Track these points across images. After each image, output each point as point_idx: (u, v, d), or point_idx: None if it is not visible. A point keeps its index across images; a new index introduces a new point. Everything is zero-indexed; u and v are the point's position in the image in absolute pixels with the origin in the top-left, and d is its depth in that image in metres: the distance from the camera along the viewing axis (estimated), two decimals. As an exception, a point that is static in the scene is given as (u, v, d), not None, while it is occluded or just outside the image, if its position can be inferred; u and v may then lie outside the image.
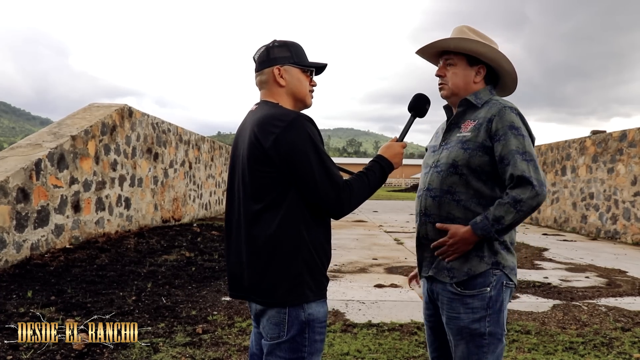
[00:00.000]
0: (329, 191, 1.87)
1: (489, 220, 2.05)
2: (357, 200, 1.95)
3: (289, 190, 1.89)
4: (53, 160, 7.55)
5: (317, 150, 1.87)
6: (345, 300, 5.50)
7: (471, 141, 2.14)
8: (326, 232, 2.00)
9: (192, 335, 4.29)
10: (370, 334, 4.40)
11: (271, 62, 2.05)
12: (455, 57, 2.27)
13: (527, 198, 2.02)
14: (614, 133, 12.72)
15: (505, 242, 2.18)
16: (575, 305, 5.41)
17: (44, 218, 7.29)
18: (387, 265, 7.79)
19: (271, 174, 1.89)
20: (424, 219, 2.27)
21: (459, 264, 2.15)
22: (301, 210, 1.89)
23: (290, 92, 2.07)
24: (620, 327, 4.71)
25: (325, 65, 2.16)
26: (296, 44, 2.12)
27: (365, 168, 2.05)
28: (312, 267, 1.92)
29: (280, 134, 1.86)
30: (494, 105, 2.17)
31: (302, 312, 1.90)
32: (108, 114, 9.47)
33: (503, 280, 2.15)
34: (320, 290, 1.95)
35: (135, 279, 6.16)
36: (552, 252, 9.63)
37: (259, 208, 1.91)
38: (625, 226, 11.88)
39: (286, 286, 1.89)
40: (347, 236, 11.53)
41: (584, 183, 13.85)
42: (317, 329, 1.93)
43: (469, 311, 2.13)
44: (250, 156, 1.93)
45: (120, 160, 9.96)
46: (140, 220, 11.01)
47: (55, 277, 6.01)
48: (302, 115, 1.93)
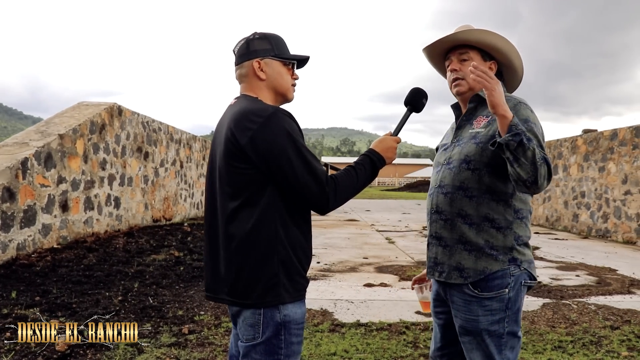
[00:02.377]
0: (311, 187, 1.80)
1: (525, 130, 1.88)
2: (345, 195, 1.88)
3: (266, 187, 1.83)
4: (40, 159, 7.47)
5: (296, 146, 1.80)
6: (334, 300, 5.45)
7: (485, 136, 2.08)
8: (306, 231, 1.94)
9: (178, 336, 4.23)
10: (358, 334, 4.36)
11: (251, 54, 1.98)
12: (471, 52, 2.20)
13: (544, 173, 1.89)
14: (605, 132, 12.74)
15: (522, 237, 2.11)
16: (565, 304, 5.39)
17: (31, 218, 7.21)
18: (377, 265, 7.76)
19: (248, 170, 1.82)
20: (435, 216, 2.21)
21: (472, 262, 2.08)
22: (279, 208, 1.83)
23: (270, 85, 2.00)
24: (609, 325, 4.69)
25: (307, 58, 2.10)
26: (277, 36, 2.05)
27: (355, 162, 1.98)
28: (289, 267, 1.86)
29: (257, 130, 1.79)
30: (509, 100, 2.09)
31: (277, 313, 1.84)
32: (97, 112, 9.39)
33: (522, 280, 2.09)
34: (297, 291, 1.89)
35: (123, 279, 6.09)
36: (544, 251, 9.62)
37: (235, 206, 1.85)
38: (616, 225, 11.90)
39: (261, 287, 1.83)
40: (338, 235, 11.49)
41: (575, 182, 13.87)
42: (293, 331, 1.87)
43: (488, 313, 2.07)
44: (226, 153, 1.87)
45: (110, 159, 9.88)
46: (130, 219, 10.93)
47: (41, 278, 5.94)
48: (280, 110, 1.86)
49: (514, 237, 2.09)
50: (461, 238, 2.12)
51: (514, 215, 2.10)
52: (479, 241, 2.08)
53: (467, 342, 2.15)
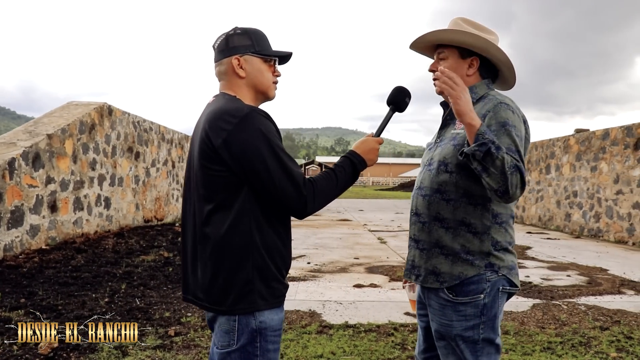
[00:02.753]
0: (288, 190, 1.73)
1: (494, 139, 1.82)
2: (324, 199, 1.82)
3: (241, 191, 1.76)
4: (28, 160, 7.39)
5: (272, 148, 1.73)
6: (322, 301, 5.41)
7: (462, 137, 2.02)
8: (284, 236, 1.87)
9: (164, 338, 4.18)
10: (346, 335, 4.32)
11: (230, 51, 1.90)
12: (447, 50, 2.15)
13: (516, 182, 1.82)
14: (597, 131, 12.75)
15: (501, 243, 2.05)
16: (555, 305, 5.37)
17: (18, 218, 7.14)
18: (368, 265, 7.72)
19: (222, 173, 1.75)
20: (414, 218, 2.18)
21: (448, 267, 2.03)
22: (254, 212, 1.77)
23: (250, 83, 1.92)
24: (599, 326, 4.67)
25: (289, 54, 2.02)
26: (258, 31, 1.97)
27: (335, 164, 1.92)
28: (265, 273, 1.79)
29: (231, 131, 1.72)
30: (490, 100, 2.05)
31: (253, 320, 1.78)
32: (86, 112, 9.31)
33: (499, 286, 2.03)
34: (274, 298, 1.83)
35: (110, 280, 6.03)
36: (535, 251, 9.61)
37: (209, 209, 1.79)
38: (608, 224, 11.91)
39: (235, 293, 1.77)
40: (330, 235, 11.45)
41: (567, 181, 13.87)
42: (269, 338, 1.82)
43: (462, 318, 2.02)
44: (201, 154, 1.81)
45: (100, 159, 9.81)
46: (121, 220, 10.85)
47: (27, 279, 5.87)
48: (256, 110, 1.79)
49: (492, 243, 2.04)
50: (438, 242, 2.07)
51: (492, 219, 2.04)
52: (455, 246, 2.03)
53: (442, 347, 2.11)
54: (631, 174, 11.18)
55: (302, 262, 7.87)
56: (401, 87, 2.14)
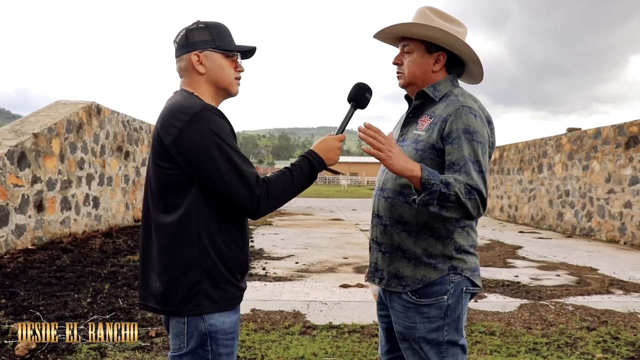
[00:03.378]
0: (238, 190, 1.67)
1: (438, 175, 1.80)
2: (278, 199, 1.75)
3: (189, 190, 1.70)
4: (13, 159, 7.31)
5: (221, 146, 1.67)
6: (307, 301, 5.35)
7: (423, 141, 1.96)
8: (237, 237, 1.81)
9: (144, 339, 4.12)
10: (329, 336, 4.26)
11: (190, 46, 1.83)
12: (412, 44, 2.06)
13: (474, 206, 1.82)
14: (588, 130, 12.72)
15: (464, 246, 2.00)
16: (542, 305, 5.32)
17: (3, 218, 7.06)
18: (356, 265, 7.66)
19: (172, 171, 1.70)
20: (375, 220, 2.11)
21: (411, 270, 1.98)
22: (203, 212, 1.71)
23: (210, 80, 1.85)
24: (585, 326, 4.62)
25: (252, 49, 1.94)
26: (220, 25, 1.90)
27: (292, 163, 1.85)
28: (214, 275, 1.73)
29: (181, 129, 1.67)
30: (452, 102, 1.96)
31: (202, 322, 1.73)
32: (74, 111, 9.23)
33: (463, 287, 1.99)
34: (226, 300, 1.76)
35: (94, 280, 5.96)
36: (526, 250, 9.58)
37: (161, 208, 1.74)
38: (600, 223, 11.89)
39: (183, 295, 1.71)
40: (321, 235, 11.39)
41: (560, 180, 13.85)
42: (221, 341, 1.76)
43: (426, 320, 1.97)
44: (153, 151, 1.76)
45: (88, 158, 9.72)
46: (110, 219, 10.77)
47: (10, 279, 5.80)
48: (208, 108, 1.72)
49: (454, 247, 1.98)
50: (400, 245, 2.01)
51: (456, 223, 1.98)
52: (417, 250, 1.98)
53: (406, 349, 2.06)
54: (623, 173, 11.16)
55: (291, 262, 7.81)
56: (362, 83, 2.07)
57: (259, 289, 5.87)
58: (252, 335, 4.24)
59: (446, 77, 2.10)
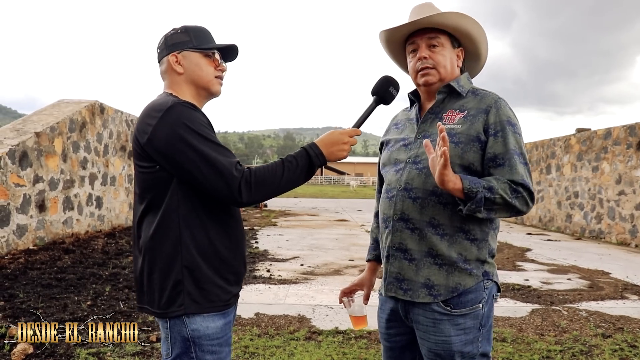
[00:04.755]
0: (216, 181, 1.60)
1: (480, 181, 1.71)
2: (266, 189, 1.65)
3: (168, 188, 1.67)
4: (14, 158, 7.20)
5: (195, 138, 1.61)
6: (312, 305, 5.21)
7: (463, 134, 1.81)
8: (222, 235, 1.72)
9: (145, 343, 3.99)
10: (335, 342, 4.12)
11: (169, 49, 1.82)
12: (442, 36, 1.92)
13: (523, 203, 1.76)
14: (598, 131, 12.53)
15: (494, 250, 1.88)
16: (555, 310, 5.16)
17: (4, 218, 6.95)
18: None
19: (150, 169, 1.68)
20: (399, 224, 1.88)
21: (443, 278, 1.81)
22: (182, 208, 1.66)
23: (189, 79, 1.82)
24: (600, 333, 4.46)
25: (232, 47, 1.88)
26: (200, 27, 1.87)
27: (289, 154, 1.75)
28: (197, 275, 1.67)
29: (155, 126, 1.64)
30: (486, 95, 1.86)
31: (184, 327, 1.66)
32: (77, 110, 9.12)
33: (493, 293, 1.87)
34: (209, 302, 1.68)
35: (95, 282, 5.84)
36: (535, 253, 9.41)
37: (142, 209, 1.72)
38: (610, 225, 11.70)
39: (165, 296, 1.67)
40: (326, 236, 11.25)
41: (568, 182, 13.67)
42: (206, 348, 1.68)
43: (461, 332, 1.80)
44: (134, 153, 1.74)
45: (91, 158, 9.62)
46: (114, 219, 10.67)
47: (10, 281, 5.69)
48: (181, 103, 1.67)
49: (488, 250, 1.86)
50: (431, 251, 1.83)
51: (490, 225, 1.86)
52: (452, 254, 1.81)
53: None
54: (634, 174, 10.97)
55: (296, 263, 7.67)
56: (388, 76, 1.91)
57: (263, 292, 5.73)
58: (255, 341, 4.10)
59: (464, 74, 1.99)
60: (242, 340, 4.09)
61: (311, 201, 24.39)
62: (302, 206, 21.01)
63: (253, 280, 6.33)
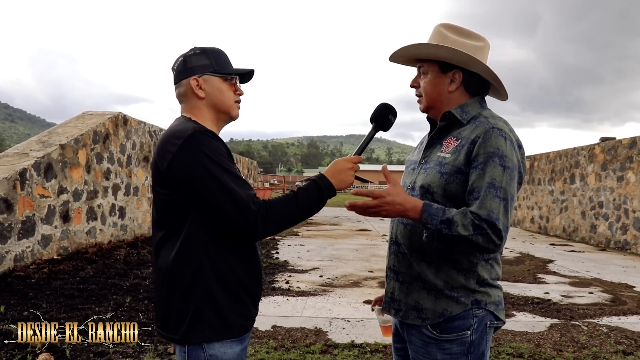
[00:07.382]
0: (234, 213, 1.62)
1: (440, 215, 1.70)
2: (280, 222, 1.68)
3: (188, 215, 1.67)
4: (39, 170, 7.36)
5: (214, 168, 1.63)
6: (329, 318, 5.22)
7: (449, 164, 1.83)
8: (241, 262, 1.74)
9: (163, 356, 4.05)
10: (351, 356, 4.13)
11: (188, 72, 1.83)
12: (426, 65, 1.95)
13: (487, 240, 1.69)
14: (623, 140, 12.35)
15: (487, 279, 1.85)
16: (574, 325, 5.10)
17: (29, 229, 7.11)
18: (381, 279, 7.50)
19: (170, 196, 1.69)
20: (393, 247, 1.97)
21: (431, 303, 1.84)
22: (202, 236, 1.67)
23: (210, 104, 1.84)
24: (621, 350, 4.39)
25: (250, 72, 1.92)
26: (217, 50, 1.89)
27: (299, 187, 1.78)
28: (217, 301, 1.68)
29: (175, 154, 1.65)
30: (481, 124, 1.83)
31: (202, 352, 1.68)
32: (101, 122, 9.30)
33: (487, 321, 1.85)
34: (228, 328, 1.70)
35: (116, 293, 5.93)
36: (558, 264, 9.29)
37: (161, 235, 1.73)
38: (636, 236, 11.49)
39: (185, 323, 1.68)
40: (347, 247, 11.25)
41: (593, 192, 13.47)
42: None
43: (447, 357, 1.82)
44: (152, 178, 1.76)
45: (114, 168, 9.78)
46: (136, 229, 10.82)
47: (34, 291, 5.81)
48: (200, 130, 1.69)
49: (477, 280, 1.84)
50: (419, 276, 1.87)
51: (479, 256, 1.83)
52: (437, 282, 1.83)
53: None
54: (659, 185, 10.78)
55: (315, 275, 7.69)
56: (386, 104, 1.96)
57: (281, 305, 5.76)
58: (272, 354, 4.13)
59: (473, 98, 1.96)
60: (258, 353, 4.12)
61: (334, 210, 24.38)
62: (324, 215, 21.03)
63: (272, 292, 6.36)
